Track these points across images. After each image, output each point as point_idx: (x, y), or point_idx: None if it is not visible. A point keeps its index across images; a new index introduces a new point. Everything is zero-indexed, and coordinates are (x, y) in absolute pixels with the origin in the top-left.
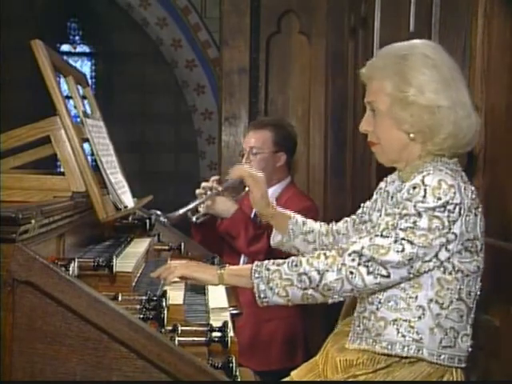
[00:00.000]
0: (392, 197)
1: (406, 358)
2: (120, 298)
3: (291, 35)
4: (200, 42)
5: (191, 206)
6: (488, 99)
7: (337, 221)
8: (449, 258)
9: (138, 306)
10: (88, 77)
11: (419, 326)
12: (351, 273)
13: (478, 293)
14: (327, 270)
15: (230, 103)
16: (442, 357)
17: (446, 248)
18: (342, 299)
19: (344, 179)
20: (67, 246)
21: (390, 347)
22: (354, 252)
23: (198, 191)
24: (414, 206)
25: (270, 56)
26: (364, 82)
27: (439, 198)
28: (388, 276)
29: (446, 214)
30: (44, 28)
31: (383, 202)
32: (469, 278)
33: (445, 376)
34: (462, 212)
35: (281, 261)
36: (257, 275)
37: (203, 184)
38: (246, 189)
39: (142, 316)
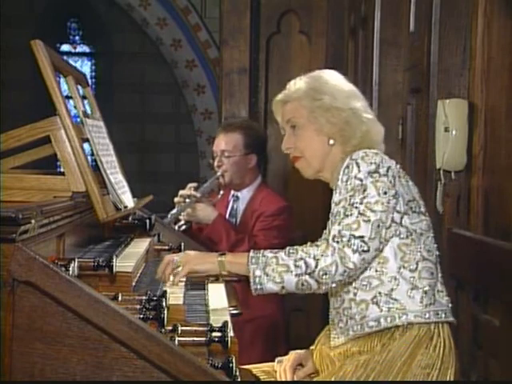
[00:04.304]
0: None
1: (394, 329)
2: (120, 298)
3: (291, 35)
4: (200, 42)
5: (172, 215)
6: (488, 99)
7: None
8: (401, 220)
9: (138, 306)
10: (88, 77)
11: (396, 294)
12: (341, 254)
13: (437, 253)
14: (322, 255)
15: (229, 103)
16: (427, 315)
17: (396, 209)
18: (334, 285)
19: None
20: (67, 245)
21: (376, 323)
22: (335, 236)
23: (176, 199)
24: (355, 178)
25: (270, 56)
26: (277, 114)
27: (371, 163)
28: (368, 250)
29: (384, 177)
30: (44, 28)
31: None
32: (423, 237)
33: (434, 338)
34: (394, 174)
35: (277, 250)
36: (254, 261)
37: (181, 192)
38: (221, 192)
39: (142, 316)
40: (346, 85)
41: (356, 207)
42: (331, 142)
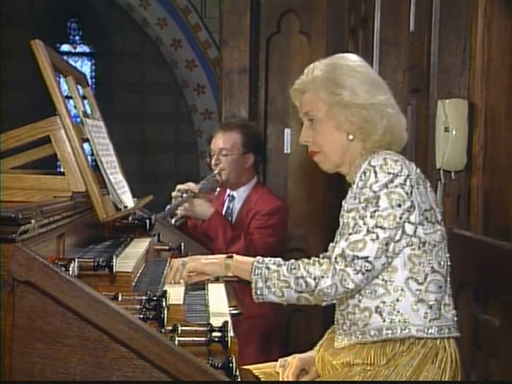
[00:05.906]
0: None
1: (400, 344)
2: (120, 298)
3: (291, 35)
4: (200, 42)
5: (169, 209)
6: (488, 99)
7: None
8: (415, 232)
9: (138, 306)
10: (88, 77)
11: (401, 306)
12: (342, 276)
13: (449, 263)
14: (322, 277)
15: (229, 103)
16: (431, 330)
17: (409, 221)
18: (335, 302)
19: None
20: (67, 245)
21: (377, 333)
22: (338, 256)
23: (173, 194)
24: (370, 188)
25: (270, 56)
26: (295, 100)
27: (389, 173)
28: (372, 268)
29: (400, 188)
30: (44, 28)
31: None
32: (436, 248)
33: (439, 353)
34: (412, 183)
35: (281, 261)
36: (257, 272)
37: (178, 186)
38: (218, 189)
39: (142, 316)
40: (366, 75)
41: (365, 223)
42: (351, 137)
